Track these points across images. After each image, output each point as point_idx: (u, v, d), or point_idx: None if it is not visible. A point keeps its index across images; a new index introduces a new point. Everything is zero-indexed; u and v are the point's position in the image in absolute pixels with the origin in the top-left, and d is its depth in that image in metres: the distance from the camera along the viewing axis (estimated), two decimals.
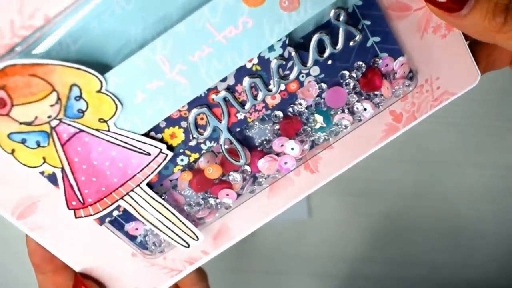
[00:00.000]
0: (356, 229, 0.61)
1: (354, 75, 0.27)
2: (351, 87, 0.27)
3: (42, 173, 0.26)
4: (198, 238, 0.29)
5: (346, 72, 0.27)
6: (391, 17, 0.26)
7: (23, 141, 0.24)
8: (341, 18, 0.25)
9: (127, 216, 0.29)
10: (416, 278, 0.64)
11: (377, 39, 0.27)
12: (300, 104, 0.27)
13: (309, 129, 0.28)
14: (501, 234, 0.61)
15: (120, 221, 0.29)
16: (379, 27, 0.26)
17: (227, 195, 0.29)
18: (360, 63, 0.27)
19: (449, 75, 0.28)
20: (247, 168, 0.28)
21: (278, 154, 0.28)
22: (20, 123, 0.24)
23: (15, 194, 0.27)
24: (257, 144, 0.28)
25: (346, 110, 0.28)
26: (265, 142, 0.28)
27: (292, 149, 0.28)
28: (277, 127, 0.28)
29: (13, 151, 0.25)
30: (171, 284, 0.32)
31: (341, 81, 0.27)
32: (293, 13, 0.24)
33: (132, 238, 0.30)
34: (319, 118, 0.28)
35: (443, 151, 0.56)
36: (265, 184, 0.29)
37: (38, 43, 0.23)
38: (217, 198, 0.29)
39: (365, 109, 0.28)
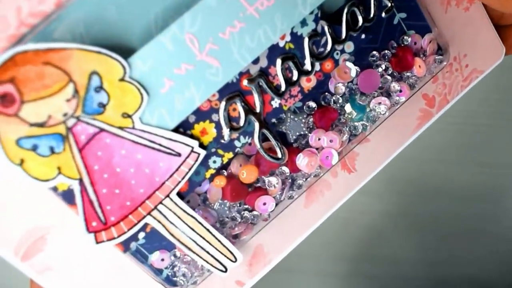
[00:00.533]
0: (356, 228, 0.60)
1: (385, 55, 0.26)
2: (383, 68, 0.26)
3: (55, 189, 0.22)
4: (236, 260, 0.25)
5: (376, 53, 0.25)
6: None
7: (34, 148, 0.21)
8: None
9: (151, 245, 0.25)
10: (416, 277, 0.63)
11: (403, 15, 0.26)
12: (336, 87, 0.25)
13: (345, 118, 0.26)
14: (501, 233, 0.60)
15: (143, 252, 0.25)
16: (405, 2, 0.25)
17: (264, 204, 0.26)
18: (391, 42, 0.26)
19: (475, 51, 0.27)
20: (285, 169, 0.25)
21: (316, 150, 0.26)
22: (31, 125, 0.20)
23: (19, 226, 0.23)
24: (292, 140, 0.25)
25: (382, 94, 0.26)
26: (301, 138, 0.25)
27: (331, 141, 0.25)
28: (311, 119, 0.25)
29: (22, 161, 0.21)
30: None
31: (372, 62, 0.26)
32: None
33: (158, 272, 0.26)
34: (348, 108, 0.26)
35: (442, 149, 0.55)
36: (305, 187, 0.26)
37: (49, 31, 0.21)
38: (252, 210, 0.26)
39: (400, 91, 0.26)
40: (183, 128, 0.23)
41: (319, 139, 0.26)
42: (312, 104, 0.25)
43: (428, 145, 0.55)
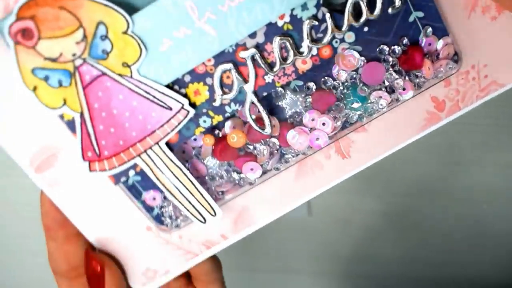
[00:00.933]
0: (356, 228, 0.61)
1: (395, 50, 0.26)
2: (390, 63, 0.26)
3: (61, 117, 0.25)
4: (215, 214, 0.28)
5: (386, 47, 0.26)
6: None
7: (46, 78, 0.24)
8: None
9: (146, 183, 0.28)
10: (416, 277, 0.63)
11: (420, 14, 0.25)
12: (338, 74, 0.26)
13: (343, 105, 0.27)
14: (501, 234, 0.60)
15: (138, 188, 0.28)
16: (423, 1, 0.25)
17: (252, 169, 0.27)
18: (403, 38, 0.25)
19: (498, 63, 0.26)
20: (276, 141, 0.27)
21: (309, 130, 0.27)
22: (45, 59, 0.24)
23: (35, 142, 0.27)
24: (287, 116, 0.27)
25: (384, 89, 0.26)
26: (296, 115, 0.27)
27: (324, 124, 0.26)
28: (309, 99, 0.26)
29: (35, 88, 0.24)
30: (186, 269, 0.31)
31: (380, 56, 0.26)
32: None
33: (149, 209, 0.29)
34: (350, 97, 0.26)
35: (444, 150, 0.54)
36: (292, 162, 0.28)
37: None
38: (241, 172, 0.28)
39: (404, 89, 0.26)
40: (178, 85, 0.25)
41: (313, 119, 0.27)
42: (311, 84, 0.26)
43: (428, 145, 0.54)
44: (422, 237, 0.61)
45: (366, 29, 0.25)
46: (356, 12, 0.24)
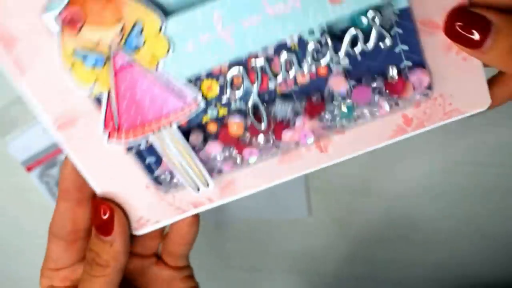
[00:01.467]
0: (356, 228, 0.61)
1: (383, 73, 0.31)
2: (376, 85, 0.31)
3: (90, 93, 0.29)
4: (208, 185, 0.33)
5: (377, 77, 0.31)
6: (421, 31, 0.30)
7: (83, 59, 0.28)
8: (376, 20, 0.28)
9: (151, 151, 0.33)
10: (416, 278, 0.63)
11: (405, 47, 0.30)
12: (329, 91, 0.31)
13: (330, 114, 0.32)
14: (501, 234, 0.60)
15: (144, 156, 0.33)
16: (409, 38, 0.30)
17: (250, 154, 0.32)
18: (392, 70, 0.30)
19: (462, 95, 0.31)
20: (272, 136, 0.32)
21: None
22: (86, 43, 0.28)
23: (61, 104, 0.30)
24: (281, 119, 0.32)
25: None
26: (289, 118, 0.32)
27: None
28: (298, 106, 0.31)
29: (72, 65, 0.28)
30: (174, 221, 0.36)
31: (369, 78, 0.31)
32: (337, 6, 0.28)
33: (150, 170, 0.33)
34: (343, 108, 0.31)
35: (442, 150, 0.56)
36: (280, 150, 0.33)
37: None
38: (242, 156, 0.33)
39: (380, 107, 0.31)
40: (195, 79, 0.29)
41: (303, 123, 0.32)
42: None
43: (428, 145, 0.56)
44: (422, 237, 0.61)
45: (359, 58, 0.29)
46: (353, 43, 0.29)
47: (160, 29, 0.28)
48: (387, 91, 0.31)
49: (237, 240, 0.63)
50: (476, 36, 0.28)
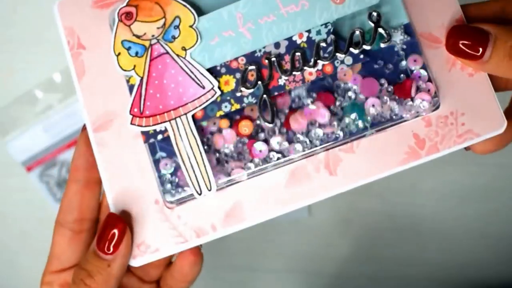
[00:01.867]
0: (357, 228, 0.61)
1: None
2: (385, 87, 0.32)
3: (127, 81, 0.34)
4: (211, 188, 0.32)
5: (384, 80, 0.32)
6: (424, 44, 0.32)
7: (128, 49, 0.34)
8: (375, 19, 0.31)
9: (163, 145, 0.34)
10: (417, 278, 0.63)
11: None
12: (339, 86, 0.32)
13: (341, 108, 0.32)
14: (501, 233, 0.60)
15: (157, 150, 0.34)
16: (415, 51, 0.32)
17: (260, 151, 0.32)
18: (401, 74, 0.32)
19: (474, 115, 0.31)
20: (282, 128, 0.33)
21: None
22: (133, 35, 0.34)
23: (102, 106, 0.35)
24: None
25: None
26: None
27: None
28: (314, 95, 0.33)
29: (119, 54, 0.34)
30: (173, 253, 0.34)
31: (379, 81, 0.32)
32: (339, 6, 0.32)
33: (160, 177, 0.34)
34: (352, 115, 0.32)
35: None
36: (285, 169, 0.33)
37: None
38: (251, 156, 0.33)
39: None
40: (215, 74, 0.33)
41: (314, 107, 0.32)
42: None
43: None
44: (422, 237, 0.61)
45: (361, 56, 0.32)
46: (356, 43, 0.32)
47: (193, 24, 0.33)
48: (396, 92, 0.32)
49: (237, 241, 0.61)
50: (477, 47, 0.30)
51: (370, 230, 0.62)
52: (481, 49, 0.30)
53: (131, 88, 0.34)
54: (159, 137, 0.34)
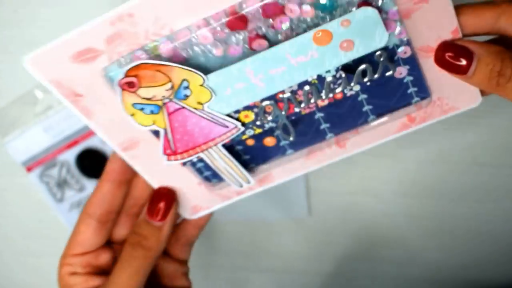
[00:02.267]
0: (356, 228, 0.62)
1: None
2: None
3: (149, 130, 0.36)
4: (250, 182, 0.40)
5: None
6: (422, 56, 0.35)
7: (141, 109, 0.34)
8: (382, 58, 0.33)
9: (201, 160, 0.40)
10: (416, 278, 0.64)
11: (411, 78, 0.36)
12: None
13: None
14: (501, 233, 0.61)
15: (195, 163, 0.40)
16: (414, 72, 0.35)
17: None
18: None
19: (457, 96, 0.37)
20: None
21: None
22: (142, 98, 0.34)
23: (126, 133, 0.37)
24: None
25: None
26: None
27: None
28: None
29: (133, 114, 0.35)
30: (220, 206, 0.44)
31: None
32: (348, 53, 0.33)
33: (200, 172, 0.41)
34: None
35: (443, 150, 0.57)
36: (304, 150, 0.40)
37: (164, 46, 0.32)
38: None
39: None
40: (234, 111, 0.35)
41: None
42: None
43: (429, 146, 0.57)
44: (422, 237, 0.62)
45: (368, 83, 0.35)
46: (362, 72, 0.34)
47: (203, 83, 0.33)
48: None
49: (236, 240, 0.64)
50: (463, 63, 0.34)
51: (369, 230, 0.62)
52: (466, 65, 0.34)
53: (155, 132, 0.36)
54: (194, 160, 0.38)
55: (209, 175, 0.41)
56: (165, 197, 0.41)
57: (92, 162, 0.61)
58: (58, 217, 0.63)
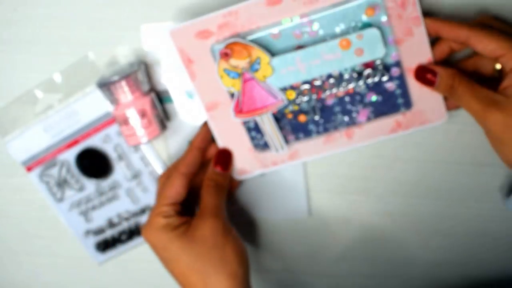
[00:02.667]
0: (356, 228, 0.64)
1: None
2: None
3: (228, 91, 0.56)
4: (283, 149, 0.59)
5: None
6: (408, 75, 0.54)
7: (228, 74, 0.55)
8: (380, 67, 0.53)
9: (255, 129, 0.59)
10: (416, 277, 0.64)
11: (400, 91, 0.55)
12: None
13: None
14: (501, 233, 0.61)
15: (251, 130, 0.59)
16: (402, 86, 0.55)
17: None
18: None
19: (430, 111, 0.56)
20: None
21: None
22: (230, 66, 0.55)
23: (212, 95, 0.58)
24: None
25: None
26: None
27: None
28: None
29: (222, 76, 0.56)
30: (259, 173, 0.62)
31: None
32: (359, 57, 0.53)
33: (253, 139, 0.60)
34: None
35: (442, 150, 0.60)
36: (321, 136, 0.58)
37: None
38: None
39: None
40: (283, 89, 0.56)
41: None
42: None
43: (429, 146, 0.60)
44: (422, 237, 0.63)
45: (369, 83, 0.55)
46: (367, 76, 0.54)
47: (269, 62, 0.54)
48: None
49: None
50: (432, 79, 0.53)
51: (369, 230, 0.63)
52: (433, 81, 0.53)
53: (231, 95, 0.57)
54: (251, 124, 0.58)
55: (257, 142, 0.60)
56: (226, 156, 0.60)
57: (92, 162, 0.62)
58: (58, 217, 0.66)
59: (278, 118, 0.58)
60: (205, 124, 0.61)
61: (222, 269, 0.53)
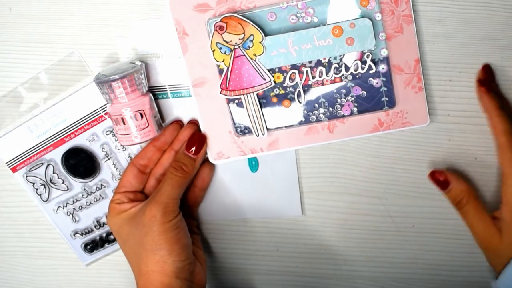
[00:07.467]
0: (351, 228, 0.64)
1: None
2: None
3: (218, 66, 0.57)
4: (264, 134, 0.59)
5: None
6: (394, 72, 0.55)
7: (220, 48, 0.56)
8: (368, 58, 0.55)
9: (239, 106, 0.59)
10: (415, 278, 0.64)
11: (385, 89, 0.56)
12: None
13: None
14: None
15: (233, 111, 0.60)
16: (388, 84, 0.56)
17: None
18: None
19: (413, 113, 0.57)
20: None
21: None
22: (223, 40, 0.56)
23: (201, 72, 0.58)
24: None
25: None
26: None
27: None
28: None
29: (213, 50, 0.56)
30: (236, 159, 0.61)
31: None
32: (350, 46, 0.54)
33: (234, 122, 0.60)
34: None
35: (443, 150, 0.61)
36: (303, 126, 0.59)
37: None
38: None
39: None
40: (271, 71, 0.57)
41: None
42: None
43: (428, 146, 0.61)
44: (422, 238, 0.63)
45: (357, 75, 0.56)
46: (355, 68, 0.55)
47: (261, 41, 0.55)
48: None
49: (233, 242, 0.67)
50: (445, 184, 0.57)
51: (367, 231, 0.64)
52: (446, 187, 0.57)
53: (220, 71, 0.57)
54: (236, 101, 0.59)
55: (239, 125, 0.60)
56: (200, 139, 0.60)
57: (78, 161, 0.61)
58: (45, 218, 0.65)
59: (263, 101, 0.59)
60: (170, 126, 0.61)
61: (152, 255, 0.55)
